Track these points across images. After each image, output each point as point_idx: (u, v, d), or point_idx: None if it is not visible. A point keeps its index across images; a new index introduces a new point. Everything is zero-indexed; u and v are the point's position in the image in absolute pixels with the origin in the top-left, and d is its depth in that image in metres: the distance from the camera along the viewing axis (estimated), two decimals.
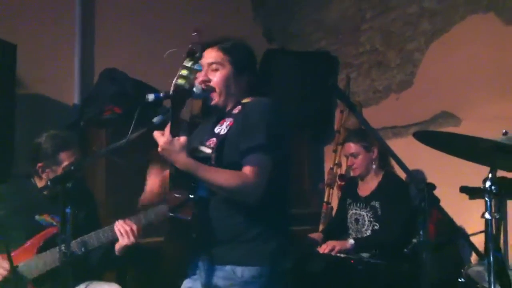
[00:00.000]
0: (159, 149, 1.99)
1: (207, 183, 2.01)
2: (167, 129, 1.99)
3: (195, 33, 2.01)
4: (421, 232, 1.67)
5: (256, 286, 2.06)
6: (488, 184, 1.71)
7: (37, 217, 2.89)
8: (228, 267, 2.07)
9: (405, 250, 2.36)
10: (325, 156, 4.82)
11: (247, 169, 2.01)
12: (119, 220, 2.63)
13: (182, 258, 2.25)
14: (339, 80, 4.73)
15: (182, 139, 1.98)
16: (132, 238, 2.58)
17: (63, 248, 1.82)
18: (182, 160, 1.98)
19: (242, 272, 2.06)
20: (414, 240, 2.82)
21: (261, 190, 2.02)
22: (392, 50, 4.33)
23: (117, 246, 2.64)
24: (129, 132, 2.01)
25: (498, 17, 3.62)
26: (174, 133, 1.98)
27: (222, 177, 2.00)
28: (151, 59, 4.48)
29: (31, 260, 2.78)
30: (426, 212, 1.66)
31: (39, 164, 2.91)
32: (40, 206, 2.90)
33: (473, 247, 1.73)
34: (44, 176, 2.93)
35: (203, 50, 2.12)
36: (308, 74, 4.63)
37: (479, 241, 2.32)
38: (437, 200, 1.67)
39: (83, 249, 2.62)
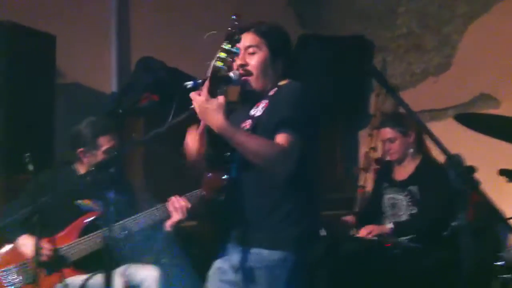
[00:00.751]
0: (196, 109, 1.96)
1: (242, 148, 1.98)
2: (204, 89, 1.96)
3: (234, 17, 2.00)
4: (460, 216, 1.65)
5: (283, 270, 2.06)
6: None
7: (78, 202, 2.99)
8: (256, 249, 2.07)
9: (444, 233, 2.34)
10: (360, 140, 4.79)
11: (279, 140, 1.99)
12: (174, 196, 2.68)
13: (215, 240, 2.26)
14: (375, 64, 4.68)
15: (221, 98, 1.96)
16: (185, 214, 2.64)
17: (106, 231, 1.86)
18: (219, 121, 1.94)
19: (269, 255, 2.06)
20: (454, 224, 2.82)
21: (292, 162, 1.99)
22: (429, 33, 4.26)
23: (169, 222, 2.71)
24: (169, 119, 2.02)
25: None
26: (212, 94, 1.95)
27: (256, 143, 1.98)
28: (186, 47, 4.53)
29: (72, 243, 2.87)
30: (466, 195, 1.64)
31: (80, 150, 3.01)
32: (80, 191, 3.00)
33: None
34: (85, 161, 3.02)
35: (240, 33, 2.11)
36: (342, 59, 4.58)
37: None
38: (477, 184, 1.65)
39: (125, 233, 2.69)
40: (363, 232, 3.32)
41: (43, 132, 3.70)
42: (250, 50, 2.17)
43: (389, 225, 3.34)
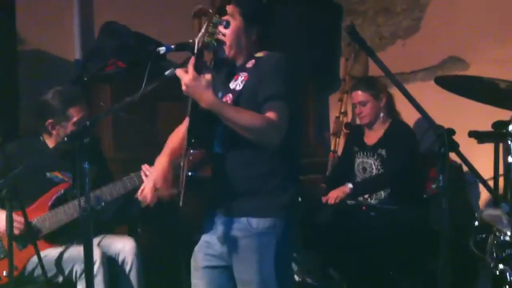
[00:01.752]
0: (183, 87, 1.94)
1: (233, 123, 1.98)
2: (191, 67, 1.93)
3: None
4: (440, 178, 1.68)
5: (272, 236, 2.09)
6: (511, 127, 1.70)
7: (48, 174, 2.94)
8: (243, 219, 2.10)
9: (424, 196, 2.38)
10: (330, 105, 4.80)
11: (269, 114, 2.00)
12: (145, 165, 2.65)
13: (199, 214, 2.26)
14: (343, 28, 4.66)
15: (208, 75, 1.95)
16: (154, 194, 2.61)
17: (82, 203, 1.82)
18: (208, 97, 1.94)
19: (257, 223, 2.09)
20: (433, 186, 2.87)
21: (283, 133, 2.01)
22: None
23: (139, 194, 2.68)
24: (142, 87, 1.97)
25: None
26: (199, 71, 1.94)
27: (248, 117, 1.98)
28: (150, 11, 4.43)
29: (44, 216, 2.83)
30: (446, 157, 1.66)
31: (49, 121, 2.93)
32: (50, 163, 2.93)
33: (491, 191, 1.74)
34: (54, 132, 2.95)
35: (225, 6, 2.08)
36: (311, 23, 4.55)
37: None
38: (456, 145, 1.66)
39: (102, 204, 2.65)
40: (330, 200, 3.35)
41: (6, 102, 3.58)
42: (224, 18, 2.12)
43: (349, 185, 3.38)
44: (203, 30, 1.98)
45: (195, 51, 1.96)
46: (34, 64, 4.02)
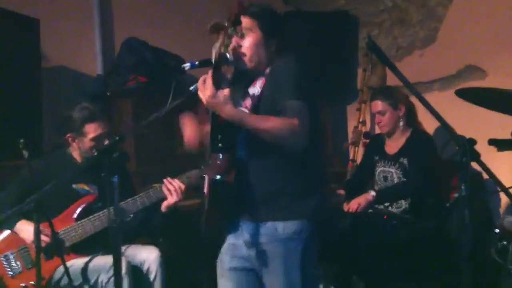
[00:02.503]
0: (204, 102, 1.99)
1: (256, 130, 2.01)
2: (209, 81, 1.98)
3: (238, 2, 2.02)
4: (462, 187, 1.70)
5: (298, 242, 2.12)
6: None
7: (74, 186, 3.00)
8: (269, 224, 2.12)
9: (447, 204, 2.39)
10: (348, 115, 4.83)
11: (290, 119, 2.00)
12: (168, 178, 2.71)
13: (222, 221, 2.29)
14: (360, 40, 4.71)
15: (226, 90, 1.99)
16: (180, 196, 2.66)
17: (112, 215, 1.87)
18: (229, 110, 1.98)
19: (284, 228, 2.11)
20: (456, 195, 2.89)
21: (306, 136, 2.02)
22: (413, 6, 4.29)
23: (165, 204, 2.74)
24: (168, 102, 2.03)
25: None
26: (217, 86, 1.98)
27: (270, 123, 2.00)
28: (168, 27, 4.52)
29: (70, 227, 2.89)
30: (467, 167, 1.69)
31: (68, 135, 3.01)
32: (76, 175, 3.00)
33: None
34: (74, 145, 3.02)
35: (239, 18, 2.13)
36: (327, 35, 4.60)
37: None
38: (477, 155, 1.69)
39: (130, 216, 2.72)
40: (352, 207, 3.37)
41: (32, 117, 3.65)
42: (243, 32, 2.19)
43: (372, 193, 3.40)
44: (219, 43, 2.04)
45: (213, 63, 2.02)
46: (57, 80, 4.12)
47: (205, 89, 1.98)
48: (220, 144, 2.07)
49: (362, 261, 3.11)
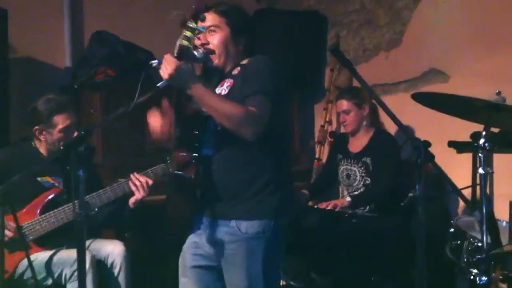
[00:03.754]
0: (166, 76, 1.98)
1: (213, 109, 2.02)
2: (172, 58, 2.00)
3: None
4: (417, 187, 1.77)
5: (261, 241, 2.14)
6: (482, 141, 1.81)
7: (39, 178, 2.98)
8: (232, 222, 2.14)
9: (401, 204, 2.47)
10: (315, 114, 4.91)
11: (250, 107, 2.03)
12: (134, 173, 2.72)
13: (186, 215, 2.33)
14: (329, 39, 4.78)
15: (190, 65, 2.03)
16: (147, 191, 2.68)
17: (77, 209, 1.89)
18: (192, 84, 1.99)
19: (247, 227, 2.13)
20: (410, 194, 2.99)
21: (262, 126, 2.03)
22: (381, 9, 4.37)
23: (132, 200, 2.75)
24: (135, 97, 2.04)
25: None
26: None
27: (229, 106, 2.02)
28: (139, 21, 4.51)
29: (35, 220, 2.88)
30: (422, 168, 1.76)
31: (36, 127, 2.99)
32: (41, 168, 2.98)
33: (464, 199, 1.85)
34: (42, 138, 3.00)
35: (202, 13, 2.15)
36: (297, 34, 4.66)
37: (466, 193, 2.45)
38: (432, 157, 1.76)
39: (96, 210, 2.72)
40: (326, 205, 3.45)
41: None
42: (212, 29, 2.22)
43: (348, 199, 3.49)
44: (181, 36, 2.05)
45: (175, 54, 2.02)
46: (25, 71, 4.09)
47: (168, 63, 1.99)
48: (182, 141, 2.10)
49: (322, 258, 3.18)
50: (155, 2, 4.60)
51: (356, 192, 3.58)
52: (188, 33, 2.03)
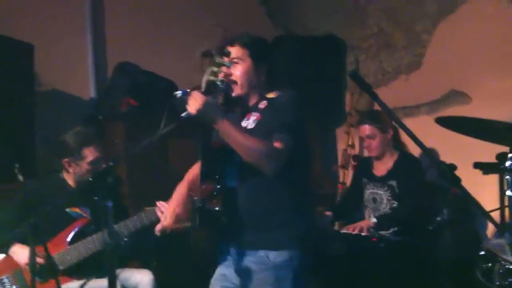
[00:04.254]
0: (194, 111, 2.02)
1: (237, 145, 2.07)
2: (200, 94, 2.04)
3: (224, 31, 2.09)
4: (444, 211, 1.77)
5: (289, 270, 2.15)
6: (508, 163, 1.80)
7: (67, 209, 3.03)
8: (260, 252, 2.16)
9: (430, 227, 2.45)
10: (337, 138, 4.91)
11: (274, 143, 2.09)
12: (160, 201, 2.74)
13: (212, 246, 2.34)
14: (348, 63, 4.80)
15: (216, 100, 2.07)
16: (174, 219, 2.69)
17: (107, 239, 1.92)
18: (218, 118, 2.03)
19: (275, 257, 2.15)
20: (438, 218, 2.96)
21: (282, 161, 2.09)
22: (399, 32, 4.40)
23: (158, 227, 2.77)
24: (161, 128, 2.09)
25: None
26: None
27: (252, 142, 2.07)
28: (161, 51, 4.59)
29: (64, 251, 2.92)
30: (449, 192, 1.75)
31: (65, 160, 3.05)
32: (70, 199, 3.03)
33: (493, 222, 1.83)
34: (71, 170, 3.05)
35: (227, 48, 2.20)
36: (315, 59, 4.69)
37: (494, 215, 2.42)
38: (458, 180, 1.76)
39: (125, 239, 2.75)
40: (352, 228, 3.43)
41: (25, 140, 3.70)
42: (235, 60, 2.26)
43: (373, 220, 3.46)
44: (207, 71, 2.10)
45: (202, 90, 2.08)
46: (51, 103, 4.17)
47: (196, 98, 2.03)
48: (207, 173, 2.13)
49: (351, 284, 3.16)
50: (176, 33, 4.69)
51: (373, 217, 3.55)
52: (215, 69, 2.08)
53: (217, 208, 2.13)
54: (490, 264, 2.30)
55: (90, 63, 4.48)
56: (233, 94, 2.26)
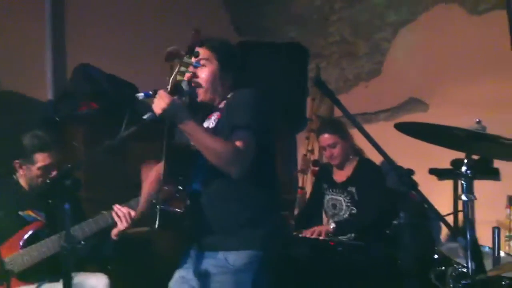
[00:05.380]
0: (159, 110, 1.99)
1: (202, 145, 2.05)
2: (166, 94, 2.01)
3: (195, 32, 2.07)
4: (401, 215, 1.80)
5: (249, 273, 2.14)
6: (464, 168, 1.85)
7: (21, 213, 2.97)
8: (220, 254, 2.14)
9: (387, 231, 2.49)
10: (297, 143, 4.95)
11: (236, 143, 2.07)
12: (117, 205, 2.70)
13: (173, 249, 2.32)
14: (309, 70, 4.86)
15: (183, 100, 2.05)
16: (130, 222, 2.66)
17: (62, 242, 1.88)
18: (185, 118, 2.01)
19: (234, 259, 2.13)
20: (395, 222, 3.01)
21: (247, 162, 2.07)
22: (360, 40, 4.47)
23: (115, 231, 2.73)
24: (122, 131, 2.06)
25: (461, 7, 3.80)
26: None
27: (217, 143, 2.05)
28: (122, 54, 4.54)
29: (17, 255, 2.85)
30: (406, 196, 1.79)
31: (16, 161, 3.00)
32: (23, 202, 2.97)
33: (448, 226, 1.88)
34: (21, 172, 3.01)
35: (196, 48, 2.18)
36: (279, 65, 4.73)
37: (448, 220, 2.48)
38: (415, 185, 1.79)
39: (82, 242, 2.70)
40: (311, 233, 3.44)
41: None
42: (202, 62, 2.24)
43: (332, 225, 3.49)
44: (176, 70, 2.07)
45: (169, 90, 2.05)
46: (6, 104, 4.06)
47: (163, 98, 2.00)
48: (167, 176, 2.10)
49: (310, 287, 3.18)
50: (137, 34, 4.64)
51: (332, 222, 3.58)
52: (183, 68, 2.05)
53: (178, 210, 2.11)
54: (443, 268, 2.36)
55: (49, 64, 4.39)
56: (198, 99, 2.25)
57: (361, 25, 4.47)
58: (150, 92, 2.12)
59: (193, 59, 2.10)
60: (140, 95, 2.10)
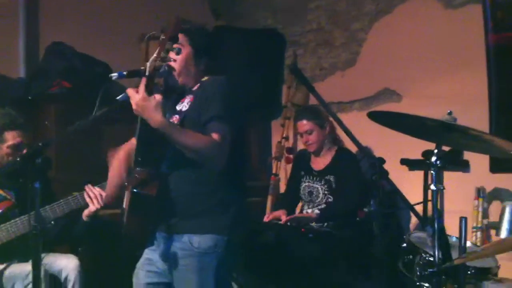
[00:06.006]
0: (134, 106, 1.99)
1: (179, 143, 2.05)
2: (142, 87, 1.99)
3: (177, 19, 2.06)
4: (372, 202, 1.83)
5: (212, 256, 2.15)
6: (434, 158, 1.88)
7: None
8: (185, 237, 2.15)
9: (357, 218, 2.52)
10: (272, 130, 4.96)
11: (213, 135, 2.08)
12: (88, 185, 2.68)
13: (143, 231, 2.31)
14: (286, 57, 4.86)
15: (158, 97, 2.01)
16: (101, 203, 2.64)
17: (32, 221, 1.86)
18: (158, 117, 1.99)
19: (199, 242, 2.14)
20: (365, 210, 3.05)
21: (226, 154, 2.09)
22: (337, 29, 4.49)
23: (86, 212, 2.71)
24: (94, 111, 2.04)
25: (437, 0, 3.84)
26: (149, 92, 2.00)
27: (193, 139, 2.06)
28: (96, 33, 4.47)
29: None
30: (378, 184, 1.81)
31: None
32: None
33: (417, 215, 1.91)
34: None
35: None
36: (255, 51, 4.72)
37: (418, 209, 2.53)
38: (386, 173, 1.82)
39: (52, 222, 2.67)
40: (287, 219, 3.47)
41: None
42: (175, 46, 2.22)
43: (316, 211, 3.54)
44: (155, 55, 2.04)
45: (147, 74, 2.02)
46: None
47: (136, 93, 1.99)
48: (141, 158, 2.09)
49: (280, 273, 3.20)
50: (112, 14, 4.58)
51: (316, 209, 3.62)
52: (163, 54, 2.03)
53: (151, 194, 2.10)
54: (411, 256, 2.40)
55: (21, 41, 4.31)
56: (171, 82, 2.24)
57: (338, 14, 4.48)
58: (124, 73, 2.09)
59: (174, 46, 2.09)
60: (114, 75, 2.07)
